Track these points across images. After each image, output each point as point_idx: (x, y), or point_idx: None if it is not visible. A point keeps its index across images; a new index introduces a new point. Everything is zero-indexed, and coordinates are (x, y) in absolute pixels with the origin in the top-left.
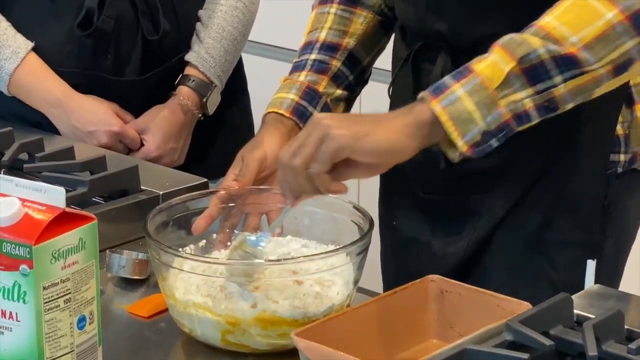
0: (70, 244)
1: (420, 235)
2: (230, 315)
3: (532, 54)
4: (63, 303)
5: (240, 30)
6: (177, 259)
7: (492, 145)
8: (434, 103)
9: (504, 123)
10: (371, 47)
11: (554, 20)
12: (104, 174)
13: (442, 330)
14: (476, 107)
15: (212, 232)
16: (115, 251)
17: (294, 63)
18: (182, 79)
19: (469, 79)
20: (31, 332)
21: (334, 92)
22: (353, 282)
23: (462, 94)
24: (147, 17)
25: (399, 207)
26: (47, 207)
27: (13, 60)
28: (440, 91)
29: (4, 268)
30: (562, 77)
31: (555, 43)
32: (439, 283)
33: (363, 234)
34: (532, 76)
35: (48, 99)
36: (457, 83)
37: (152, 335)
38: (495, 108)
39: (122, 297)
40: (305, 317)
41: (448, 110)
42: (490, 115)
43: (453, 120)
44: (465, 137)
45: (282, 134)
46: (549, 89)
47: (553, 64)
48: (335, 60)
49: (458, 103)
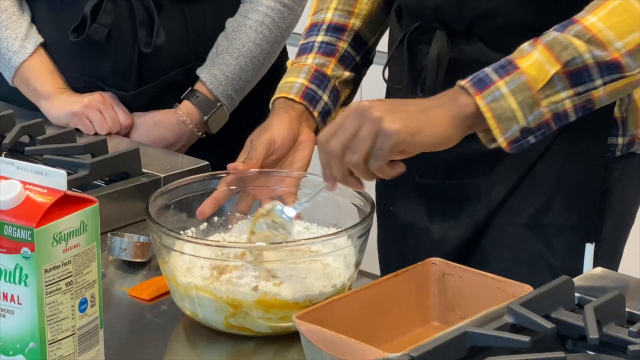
0: (72, 227)
1: (418, 221)
2: (232, 298)
3: (577, 58)
4: (64, 286)
5: (263, 48)
6: (178, 242)
7: (529, 142)
8: (478, 98)
9: (544, 122)
10: (376, 27)
11: (599, 22)
12: (105, 156)
13: (444, 313)
14: (519, 106)
15: (214, 215)
16: (117, 234)
17: (300, 45)
18: (188, 93)
19: (513, 76)
20: (33, 314)
21: (342, 74)
22: (354, 265)
23: (507, 91)
24: (145, 28)
25: (396, 192)
26: (48, 190)
27: (21, 54)
28: (485, 86)
29: (5, 251)
30: (603, 80)
31: (600, 47)
32: (440, 266)
33: (364, 217)
34: (575, 79)
35: (41, 93)
36: (501, 79)
37: (153, 318)
38: (537, 108)
39: (123, 280)
40: (307, 300)
41: (492, 107)
42: (532, 115)
43: (496, 118)
44: (506, 134)
45: (291, 118)
46: (589, 91)
47: (597, 69)
48: (342, 41)
49: (502, 100)
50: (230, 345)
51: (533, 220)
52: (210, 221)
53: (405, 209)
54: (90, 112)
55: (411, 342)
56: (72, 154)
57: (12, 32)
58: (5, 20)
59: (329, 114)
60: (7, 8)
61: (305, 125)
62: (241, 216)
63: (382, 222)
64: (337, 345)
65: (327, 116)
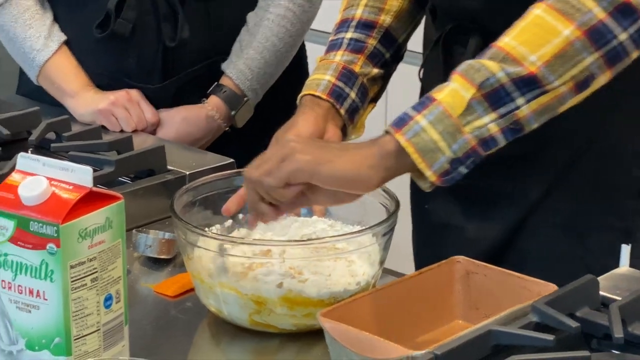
0: (97, 223)
1: (453, 220)
2: (257, 295)
3: (491, 78)
4: (90, 282)
5: (285, 42)
6: (203, 239)
7: (461, 173)
8: (399, 135)
9: (470, 150)
10: (407, 24)
11: (512, 41)
12: (130, 153)
13: (468, 311)
14: (441, 136)
15: (239, 212)
16: (142, 231)
17: (329, 41)
18: (215, 87)
19: (430, 108)
20: (58, 310)
21: (370, 71)
22: (379, 263)
23: (426, 124)
24: (169, 22)
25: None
26: (74, 186)
27: (45, 52)
28: (404, 123)
29: (31, 247)
30: (524, 98)
31: (515, 64)
32: (465, 264)
33: (389, 215)
34: (494, 101)
35: (66, 90)
36: (419, 114)
37: (178, 314)
38: (460, 135)
39: (148, 277)
40: (331, 297)
41: (413, 141)
42: (456, 143)
43: (420, 152)
44: (433, 167)
45: (317, 115)
46: (512, 112)
47: (513, 87)
48: (372, 38)
49: (423, 134)
50: (255, 342)
51: (569, 221)
52: (235, 218)
53: (441, 208)
54: (117, 109)
55: (435, 340)
56: (98, 151)
57: (35, 30)
58: (29, 19)
59: (356, 112)
60: (30, 7)
61: (331, 122)
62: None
63: (417, 221)
64: (361, 342)
65: (354, 114)
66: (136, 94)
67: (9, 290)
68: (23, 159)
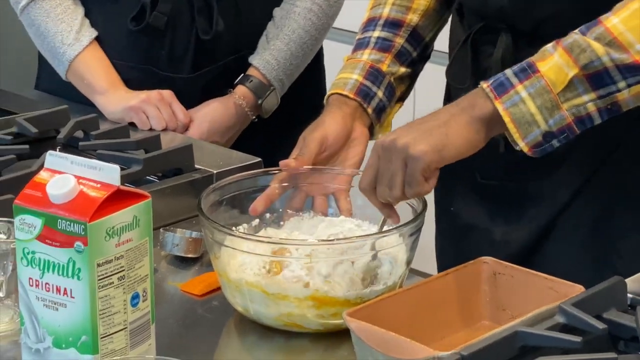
0: (125, 222)
1: (479, 222)
2: (283, 295)
3: (595, 61)
4: (117, 280)
5: (312, 34)
6: (230, 238)
7: (553, 146)
8: (497, 103)
9: (566, 125)
10: (434, 22)
11: (620, 24)
12: (158, 152)
13: (494, 312)
14: (538, 110)
15: (266, 212)
16: (169, 229)
17: (357, 40)
18: (242, 78)
19: (532, 80)
20: (85, 308)
21: (398, 70)
22: (405, 263)
23: (525, 95)
24: (203, 15)
25: (456, 192)
26: (101, 184)
27: (76, 47)
28: (504, 90)
29: (59, 245)
30: (626, 82)
31: (620, 50)
32: (492, 265)
33: (416, 215)
34: (596, 82)
35: (96, 88)
36: (520, 84)
37: (205, 313)
38: (557, 111)
39: (175, 275)
40: (358, 298)
41: (511, 111)
42: (553, 118)
43: (515, 122)
44: (527, 138)
45: (345, 114)
46: (613, 94)
47: (617, 72)
48: (399, 37)
49: (521, 105)
50: (281, 341)
51: (598, 223)
52: (262, 218)
53: (466, 209)
54: (148, 107)
55: (461, 341)
56: (126, 149)
57: (67, 25)
58: (61, 13)
59: (383, 111)
60: (62, 2)
61: (358, 121)
62: (294, 213)
63: (442, 222)
64: (387, 342)
65: (382, 113)
66: (168, 94)
67: (36, 288)
68: (51, 157)
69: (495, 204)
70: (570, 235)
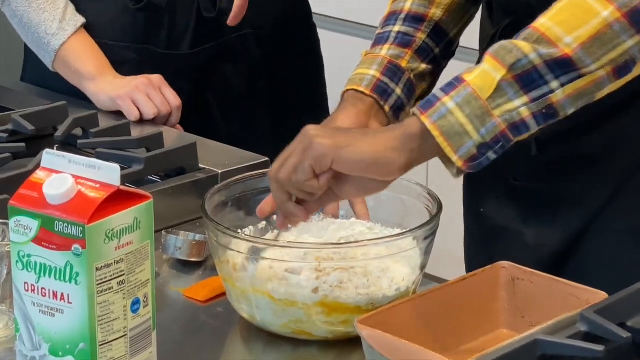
0: (125, 224)
1: (510, 224)
2: (291, 301)
3: (523, 60)
4: (116, 285)
5: None
6: (235, 241)
7: (489, 158)
8: (424, 117)
9: (499, 134)
10: (459, 17)
11: (548, 21)
12: (160, 151)
13: (513, 319)
14: (468, 119)
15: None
16: (172, 232)
17: (376, 35)
18: None
19: (458, 90)
20: (83, 314)
21: (418, 66)
22: (420, 268)
23: (453, 106)
24: None
25: (486, 193)
26: (101, 184)
27: (60, 37)
28: (431, 104)
29: (56, 248)
30: (559, 82)
31: (549, 44)
32: (510, 270)
33: (431, 217)
34: (526, 83)
35: (84, 74)
36: (446, 95)
37: (208, 320)
38: (489, 119)
39: (177, 280)
40: (369, 304)
41: (439, 124)
42: (484, 127)
43: (445, 135)
44: (460, 151)
45: (359, 112)
46: (546, 96)
47: (547, 69)
48: (420, 32)
49: (449, 116)
50: (289, 349)
51: (636, 226)
52: (269, 220)
53: (497, 211)
54: (136, 95)
55: (478, 350)
56: (127, 148)
57: (49, 14)
58: (43, 3)
59: (401, 109)
60: None
61: (374, 120)
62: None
63: (470, 225)
64: (400, 351)
65: (400, 111)
66: (157, 78)
67: (32, 293)
68: (48, 155)
69: (527, 206)
70: (606, 240)
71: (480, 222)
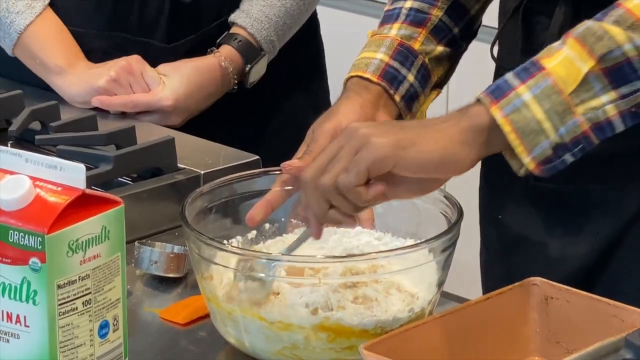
0: (91, 234)
1: (532, 233)
2: (286, 323)
3: (615, 50)
4: (81, 305)
5: None
6: (221, 254)
7: (566, 162)
8: (494, 109)
9: (581, 135)
10: None
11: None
12: (132, 148)
13: (546, 345)
14: (546, 115)
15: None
16: (146, 243)
17: (385, 12)
18: (226, 37)
19: (537, 79)
20: (42, 340)
21: (434, 49)
22: (437, 285)
23: (530, 98)
24: None
25: (505, 198)
26: (63, 187)
27: (27, 15)
28: (502, 93)
29: (10, 262)
30: None
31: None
32: (543, 287)
33: (450, 226)
34: (616, 78)
35: (51, 67)
36: (522, 84)
37: (189, 346)
38: (570, 117)
39: (153, 300)
40: (378, 327)
41: (512, 118)
42: (564, 126)
43: (518, 132)
44: (533, 152)
45: (364, 101)
46: (638, 92)
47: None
48: (436, 9)
49: (525, 110)
50: None
51: None
52: (260, 229)
53: (517, 218)
54: (118, 89)
55: None
56: (93, 145)
57: None
58: None
59: (415, 98)
60: None
61: (383, 111)
62: (299, 223)
63: (488, 234)
64: None
65: (413, 101)
66: (137, 61)
67: None
68: (1, 154)
69: (551, 211)
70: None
71: (499, 231)
